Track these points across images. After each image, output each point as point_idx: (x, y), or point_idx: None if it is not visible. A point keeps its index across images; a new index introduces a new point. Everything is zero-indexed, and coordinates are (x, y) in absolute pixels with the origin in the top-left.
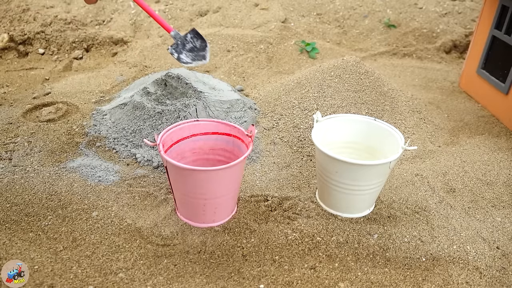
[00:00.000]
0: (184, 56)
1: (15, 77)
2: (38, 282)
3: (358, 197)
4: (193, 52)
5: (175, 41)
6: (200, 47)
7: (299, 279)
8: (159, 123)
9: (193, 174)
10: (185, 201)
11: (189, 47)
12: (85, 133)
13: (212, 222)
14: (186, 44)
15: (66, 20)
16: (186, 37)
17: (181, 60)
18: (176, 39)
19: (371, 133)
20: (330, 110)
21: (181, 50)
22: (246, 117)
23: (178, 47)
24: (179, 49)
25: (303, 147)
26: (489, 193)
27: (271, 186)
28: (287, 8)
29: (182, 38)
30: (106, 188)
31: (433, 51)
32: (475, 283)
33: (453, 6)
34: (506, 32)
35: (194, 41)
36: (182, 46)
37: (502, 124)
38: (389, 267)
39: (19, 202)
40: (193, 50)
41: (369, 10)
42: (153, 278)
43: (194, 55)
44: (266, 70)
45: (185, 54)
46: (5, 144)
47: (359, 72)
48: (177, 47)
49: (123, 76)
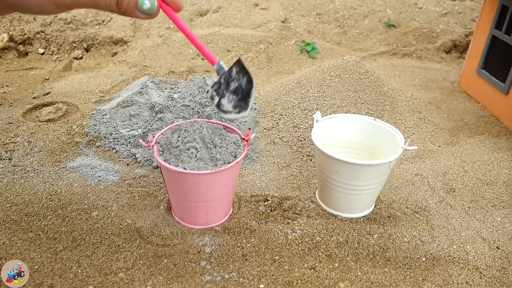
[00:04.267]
0: (226, 102)
1: (15, 77)
2: (38, 282)
3: (358, 197)
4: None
5: (220, 77)
6: (245, 89)
7: (299, 279)
8: (159, 123)
9: (183, 177)
10: (178, 202)
11: (233, 88)
12: (85, 133)
13: (205, 224)
14: (231, 82)
15: (66, 20)
16: (231, 72)
17: (221, 108)
18: (220, 74)
19: (371, 133)
20: (330, 110)
21: (223, 93)
22: (246, 117)
23: (221, 89)
24: (221, 91)
25: (303, 147)
26: (489, 193)
27: (271, 186)
28: (287, 8)
29: (227, 75)
30: (106, 188)
31: (433, 51)
32: (475, 283)
33: (453, 6)
34: (506, 32)
35: (240, 78)
36: (225, 85)
37: (502, 124)
38: (389, 267)
39: (19, 202)
40: (237, 91)
41: (369, 10)
42: (153, 278)
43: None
44: (266, 70)
45: (227, 97)
46: (5, 144)
47: (359, 72)
48: (219, 88)
49: (123, 76)
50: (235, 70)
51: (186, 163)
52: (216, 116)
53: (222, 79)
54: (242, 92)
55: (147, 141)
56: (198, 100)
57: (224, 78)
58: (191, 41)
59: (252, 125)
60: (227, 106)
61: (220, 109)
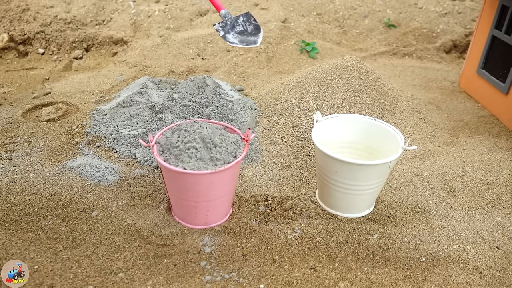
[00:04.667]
0: (231, 37)
1: (15, 77)
2: (38, 282)
3: (358, 197)
4: (243, 35)
5: (223, 20)
6: (252, 32)
7: (299, 279)
8: (159, 123)
9: (183, 177)
10: (178, 202)
11: (238, 30)
12: (85, 133)
13: (205, 224)
14: (236, 26)
15: (66, 20)
16: (237, 19)
17: (227, 39)
18: (226, 18)
19: (371, 133)
20: (330, 110)
21: (228, 30)
22: (246, 117)
23: (226, 27)
24: (226, 29)
25: (303, 147)
26: (489, 193)
27: (271, 186)
28: (287, 8)
29: (233, 20)
30: (106, 188)
31: (433, 51)
32: (475, 283)
33: (453, 6)
34: (506, 32)
35: (246, 25)
36: (231, 26)
37: (502, 124)
38: (389, 267)
39: (19, 202)
40: (243, 33)
41: (369, 10)
42: (153, 278)
43: (242, 38)
44: (266, 70)
45: (232, 34)
46: (5, 144)
47: (359, 72)
48: (225, 26)
49: (123, 76)
50: (242, 18)
51: (186, 163)
52: (216, 116)
53: (228, 21)
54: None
55: (147, 141)
56: (198, 100)
57: (230, 21)
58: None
59: (252, 125)
60: (232, 39)
61: (226, 40)
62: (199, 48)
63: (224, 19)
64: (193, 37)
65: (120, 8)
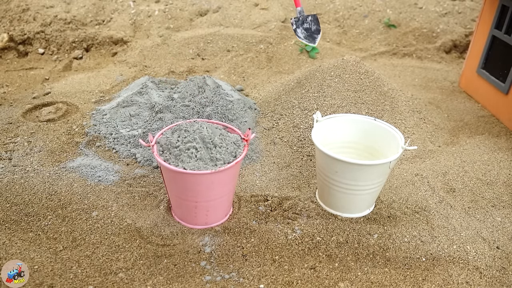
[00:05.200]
0: (299, 32)
1: (15, 77)
2: (38, 282)
3: (358, 197)
4: (307, 32)
5: (298, 16)
6: (314, 31)
7: (299, 279)
8: (159, 123)
9: (183, 177)
10: (178, 202)
11: (305, 27)
12: (85, 133)
13: (205, 224)
14: (305, 23)
15: (66, 20)
16: (307, 17)
17: (296, 33)
18: (300, 14)
19: (371, 133)
20: (330, 110)
21: (299, 25)
22: (246, 117)
23: (298, 22)
24: (298, 24)
25: (303, 147)
26: (489, 193)
27: (271, 186)
28: (287, 8)
29: (304, 17)
30: (106, 188)
31: (433, 51)
32: (475, 283)
33: (453, 6)
34: (506, 32)
35: (311, 24)
36: (301, 23)
37: (502, 124)
38: (389, 267)
39: (19, 202)
40: (307, 30)
41: (369, 10)
42: (153, 278)
43: (306, 35)
44: (266, 70)
45: (300, 30)
46: (5, 144)
47: (359, 72)
48: (297, 21)
49: (123, 76)
50: (310, 18)
51: (186, 163)
52: (216, 116)
53: (300, 18)
54: (311, 32)
55: (147, 141)
56: (198, 100)
57: (302, 18)
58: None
59: (252, 125)
60: (299, 34)
61: (295, 34)
62: (199, 48)
63: (298, 15)
64: (193, 37)
65: (120, 8)
